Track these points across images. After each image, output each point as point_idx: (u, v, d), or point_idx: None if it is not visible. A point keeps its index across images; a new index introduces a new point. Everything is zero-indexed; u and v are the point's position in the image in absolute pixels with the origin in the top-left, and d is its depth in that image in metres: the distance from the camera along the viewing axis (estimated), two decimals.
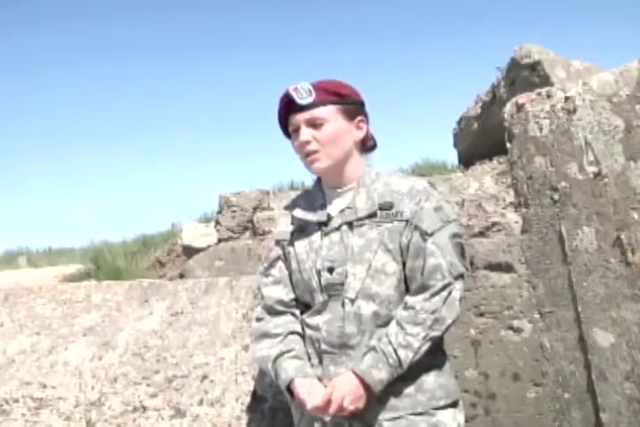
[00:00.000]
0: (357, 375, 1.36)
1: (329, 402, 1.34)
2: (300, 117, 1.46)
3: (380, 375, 1.35)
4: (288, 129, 1.52)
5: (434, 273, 1.39)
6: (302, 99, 1.44)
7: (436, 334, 1.38)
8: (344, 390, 1.35)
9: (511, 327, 2.39)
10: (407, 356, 1.35)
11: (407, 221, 1.42)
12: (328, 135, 1.45)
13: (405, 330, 1.36)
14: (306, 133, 1.45)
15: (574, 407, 2.04)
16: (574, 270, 2.00)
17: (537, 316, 2.20)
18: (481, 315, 2.43)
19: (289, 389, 1.42)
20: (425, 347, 1.37)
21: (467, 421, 1.54)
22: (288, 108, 1.47)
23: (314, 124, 1.45)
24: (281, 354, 1.45)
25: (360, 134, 1.52)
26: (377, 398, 1.39)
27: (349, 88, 1.51)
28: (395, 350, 1.35)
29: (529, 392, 2.33)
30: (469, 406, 2.33)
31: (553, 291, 2.08)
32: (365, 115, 1.54)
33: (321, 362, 1.46)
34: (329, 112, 1.46)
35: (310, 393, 1.36)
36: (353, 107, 1.50)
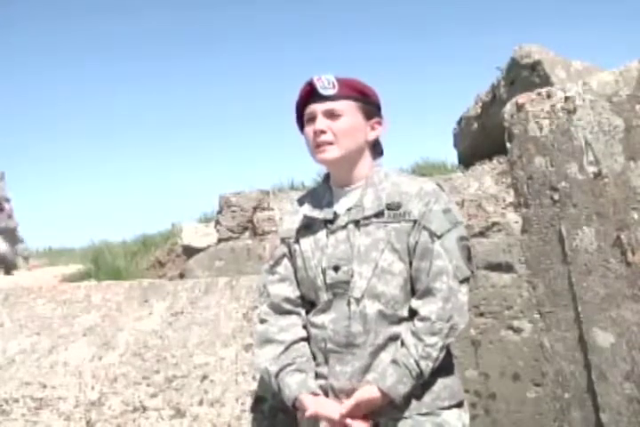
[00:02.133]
0: (382, 391, 1.37)
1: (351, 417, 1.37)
2: (319, 107, 1.46)
3: (405, 390, 1.37)
4: (301, 117, 1.52)
5: (439, 275, 1.39)
6: (325, 89, 1.45)
7: (450, 340, 1.40)
8: (368, 406, 1.38)
9: (511, 327, 2.39)
10: (427, 366, 1.37)
11: (415, 221, 1.42)
12: (344, 128, 1.45)
13: (424, 341, 1.37)
14: (322, 123, 1.45)
15: (574, 407, 2.04)
16: (574, 270, 2.00)
17: (537, 316, 2.19)
18: (481, 315, 2.43)
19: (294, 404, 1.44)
20: (442, 355, 1.39)
21: None
22: (308, 96, 1.48)
23: (331, 115, 1.46)
24: (282, 369, 1.45)
25: (373, 135, 1.52)
26: None
27: (371, 89, 1.52)
28: (416, 362, 1.36)
29: (529, 392, 2.33)
30: (469, 407, 2.33)
31: (553, 291, 2.08)
32: (381, 118, 1.55)
33: (327, 361, 1.46)
34: (348, 106, 1.47)
35: (328, 409, 1.38)
36: (371, 107, 1.51)
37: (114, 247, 5.26)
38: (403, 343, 1.39)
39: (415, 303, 1.41)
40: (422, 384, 1.41)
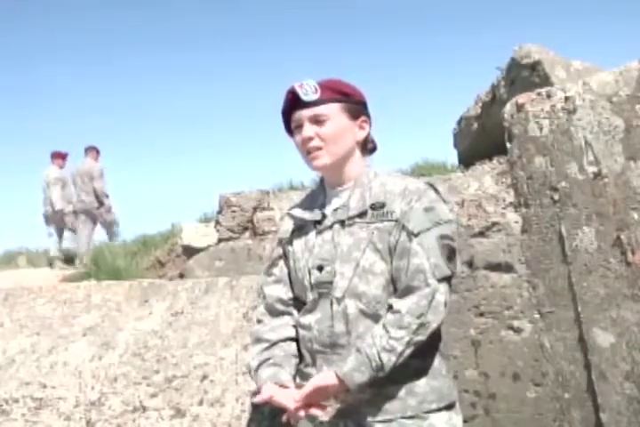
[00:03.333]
0: (338, 377, 1.35)
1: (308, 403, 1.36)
2: (304, 114, 1.46)
3: (362, 379, 1.34)
4: (290, 125, 1.52)
5: (417, 274, 1.37)
6: (307, 95, 1.45)
7: (420, 338, 1.35)
8: (324, 393, 1.37)
9: (511, 327, 2.39)
10: (390, 360, 1.33)
11: (396, 220, 1.41)
12: (331, 132, 1.46)
13: (390, 333, 1.34)
14: (309, 130, 1.46)
15: (574, 407, 2.04)
16: (574, 270, 2.00)
17: (537, 316, 2.20)
18: (481, 315, 2.43)
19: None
20: (408, 351, 1.35)
21: (466, 421, 1.54)
22: (292, 104, 1.48)
23: (317, 120, 1.46)
24: (261, 363, 1.47)
25: (362, 134, 1.52)
26: (368, 400, 1.39)
27: (354, 88, 1.52)
28: (378, 353, 1.33)
29: (529, 392, 2.33)
30: (469, 406, 2.33)
31: (553, 291, 2.08)
32: (368, 116, 1.55)
33: (314, 362, 1.46)
34: (333, 110, 1.46)
35: (285, 398, 1.39)
36: (356, 107, 1.51)
37: (114, 247, 5.26)
38: (371, 334, 1.38)
39: (392, 300, 1.40)
40: (407, 386, 1.39)
